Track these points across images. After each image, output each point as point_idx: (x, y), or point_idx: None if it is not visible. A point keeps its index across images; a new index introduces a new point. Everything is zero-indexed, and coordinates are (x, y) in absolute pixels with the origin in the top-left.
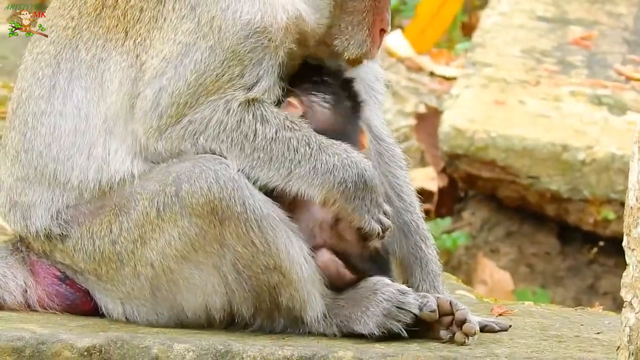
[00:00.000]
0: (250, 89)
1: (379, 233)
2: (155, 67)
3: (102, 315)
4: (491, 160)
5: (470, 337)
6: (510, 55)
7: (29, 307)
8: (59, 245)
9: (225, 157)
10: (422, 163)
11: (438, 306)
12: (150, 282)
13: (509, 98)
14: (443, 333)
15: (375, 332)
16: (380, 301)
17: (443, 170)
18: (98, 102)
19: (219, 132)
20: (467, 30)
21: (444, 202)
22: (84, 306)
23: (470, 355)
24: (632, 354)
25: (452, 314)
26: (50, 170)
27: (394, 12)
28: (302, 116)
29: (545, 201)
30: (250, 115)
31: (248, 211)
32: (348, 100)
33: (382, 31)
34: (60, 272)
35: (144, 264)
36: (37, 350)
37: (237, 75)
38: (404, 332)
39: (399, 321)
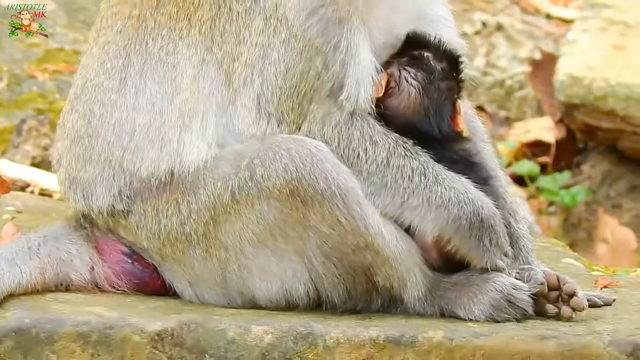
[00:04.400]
0: (341, 86)
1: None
2: (240, 72)
3: (174, 294)
4: (610, 110)
5: (577, 312)
6: None
7: (97, 286)
8: (121, 221)
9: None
10: (539, 112)
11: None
12: (223, 265)
13: (631, 42)
14: (549, 307)
15: (480, 320)
16: (491, 290)
17: (561, 121)
18: (172, 97)
19: (332, 150)
20: None
21: (563, 155)
22: (154, 283)
23: (570, 333)
24: None
25: (559, 288)
26: (117, 158)
27: None
28: (386, 93)
29: None
30: (358, 132)
31: (332, 186)
32: (447, 78)
33: None
34: (127, 247)
35: (217, 247)
36: (105, 335)
37: (323, 69)
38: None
39: (507, 315)
